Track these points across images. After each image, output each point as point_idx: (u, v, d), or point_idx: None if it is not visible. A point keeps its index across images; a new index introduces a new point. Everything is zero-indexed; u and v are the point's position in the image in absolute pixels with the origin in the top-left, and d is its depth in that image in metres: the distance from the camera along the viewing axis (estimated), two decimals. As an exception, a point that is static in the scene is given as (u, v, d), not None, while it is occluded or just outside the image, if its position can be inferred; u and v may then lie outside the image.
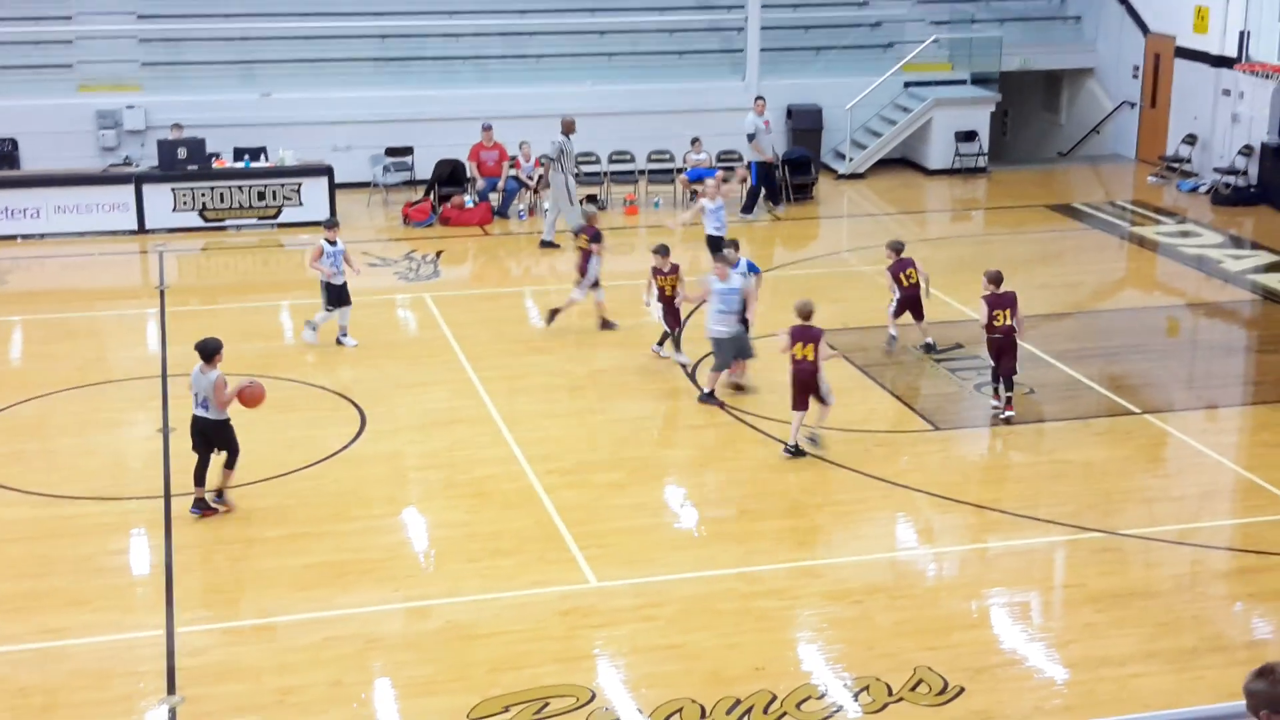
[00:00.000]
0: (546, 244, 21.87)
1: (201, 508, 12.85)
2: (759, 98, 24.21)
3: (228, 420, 12.93)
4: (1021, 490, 13.61)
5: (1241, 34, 23.17)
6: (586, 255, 17.52)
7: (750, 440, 14.74)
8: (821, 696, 10.09)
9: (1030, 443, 14.83)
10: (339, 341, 17.20)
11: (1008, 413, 15.00)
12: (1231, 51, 24.37)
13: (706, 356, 16.57)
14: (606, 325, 17.68)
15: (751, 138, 23.80)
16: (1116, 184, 26.66)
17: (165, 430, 14.81)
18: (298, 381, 16.06)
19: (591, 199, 24.23)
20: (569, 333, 18.05)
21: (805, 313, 14.17)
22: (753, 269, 16.29)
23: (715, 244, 18.65)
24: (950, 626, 11.06)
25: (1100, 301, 19.95)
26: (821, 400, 14.19)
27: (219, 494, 12.99)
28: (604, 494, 13.39)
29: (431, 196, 23.71)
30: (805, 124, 25.25)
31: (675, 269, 16.56)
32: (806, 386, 14.08)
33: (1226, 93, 25.19)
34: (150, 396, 15.73)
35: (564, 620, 11.12)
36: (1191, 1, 25.94)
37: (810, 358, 14.01)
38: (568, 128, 21.88)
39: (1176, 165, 26.11)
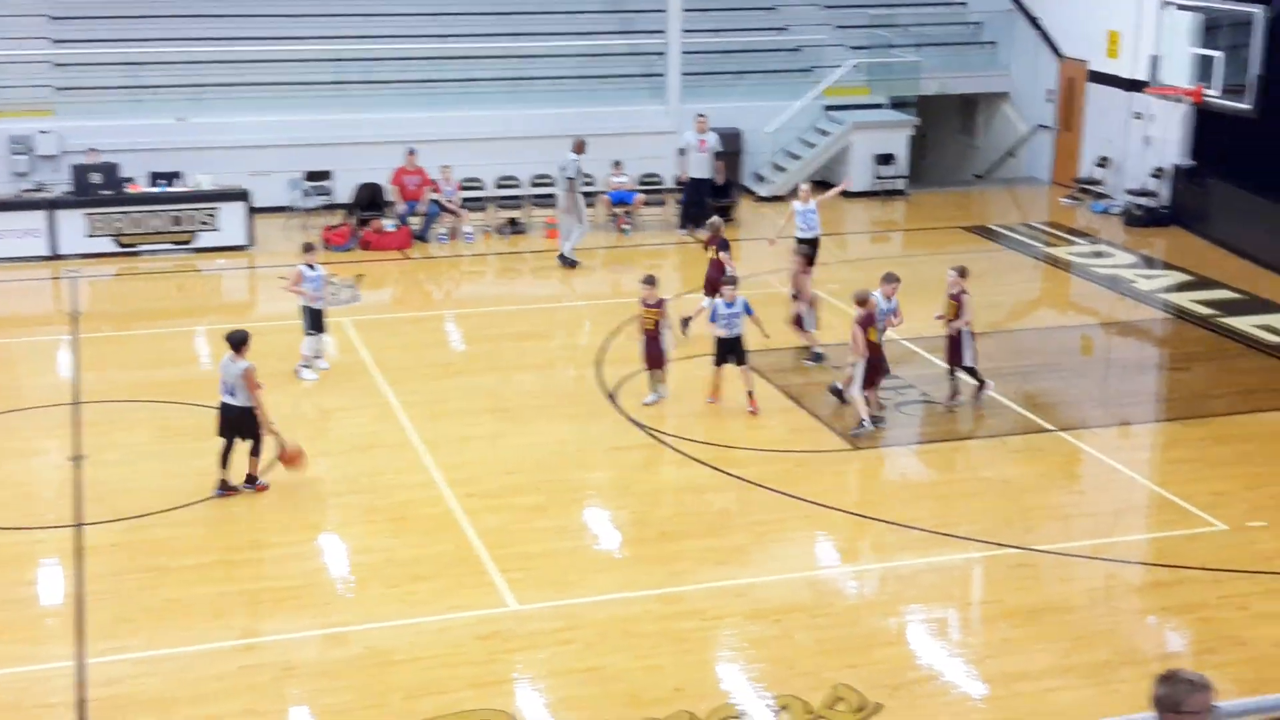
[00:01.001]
0: (565, 259, 22.05)
1: (224, 489, 13.58)
2: (699, 115, 24.30)
3: (254, 409, 13.54)
4: (939, 508, 13.71)
5: (1152, 58, 23.60)
6: (719, 266, 17.71)
7: (671, 461, 14.75)
8: (741, 716, 10.09)
9: (948, 461, 14.96)
10: (299, 371, 16.95)
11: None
12: (1142, 75, 24.82)
13: (632, 376, 16.57)
14: None
15: (683, 152, 23.92)
16: (1031, 206, 27.03)
17: (77, 458, 14.56)
18: (212, 407, 15.81)
19: (512, 223, 24.23)
20: (489, 356, 18.00)
21: (865, 299, 15.20)
22: (748, 309, 15.83)
23: (806, 248, 19.28)
24: (869, 644, 11.11)
25: (1016, 321, 20.19)
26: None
27: (251, 479, 13.66)
28: (524, 517, 13.33)
29: (351, 220, 23.57)
30: (726, 147, 25.38)
31: (661, 302, 16.07)
32: (880, 367, 15.22)
33: (1138, 116, 25.64)
34: (61, 424, 15.47)
35: (483, 644, 11.05)
36: (1103, 27, 26.41)
37: (876, 339, 15.22)
38: (579, 148, 22.21)
39: (1090, 187, 26.52)
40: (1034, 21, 28.66)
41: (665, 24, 26.51)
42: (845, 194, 23.01)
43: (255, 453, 13.71)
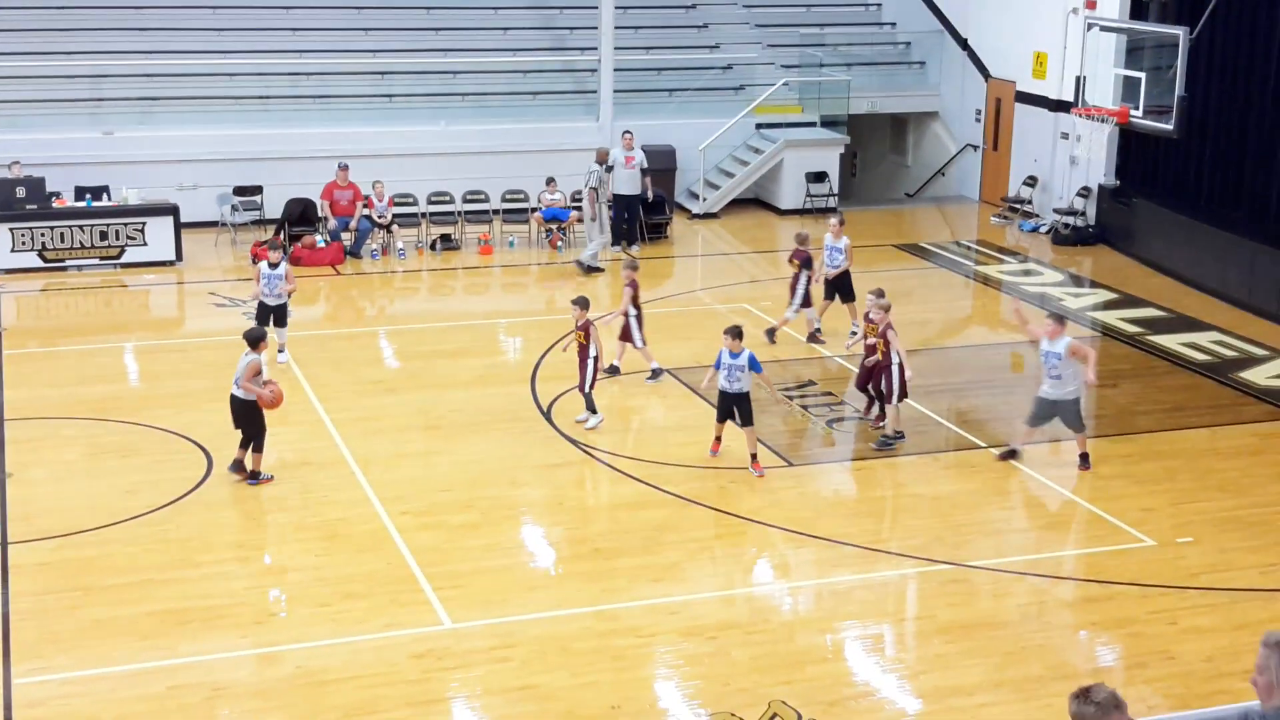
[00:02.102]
0: (591, 269, 22.48)
1: (251, 478, 14.14)
2: (626, 132, 24.36)
3: (255, 402, 13.95)
4: (873, 524, 13.78)
5: (1078, 79, 23.87)
6: (797, 277, 18.60)
7: (605, 478, 14.73)
8: (677, 734, 10.08)
9: (881, 477, 15.04)
10: (277, 358, 17.50)
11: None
12: (1069, 96, 25.15)
13: (562, 396, 16.53)
14: (815, 339, 19.04)
15: (609, 169, 23.95)
16: (961, 224, 27.30)
17: (2, 476, 14.29)
18: (141, 425, 15.64)
19: (445, 238, 24.13)
20: (422, 373, 17.89)
21: (887, 306, 15.73)
22: (754, 365, 14.67)
23: (831, 284, 19.20)
24: (804, 660, 11.13)
25: (947, 338, 20.35)
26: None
27: (245, 471, 14.08)
28: (458, 535, 13.25)
29: (282, 236, 23.37)
30: (659, 164, 25.46)
31: (588, 324, 15.70)
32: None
33: (1065, 136, 26.00)
34: (-14, 441, 15.20)
35: (418, 663, 10.95)
36: (1030, 48, 26.78)
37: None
38: (602, 157, 23.05)
39: (1018, 206, 26.84)
40: (962, 42, 29.00)
41: (598, 41, 26.55)
42: (779, 212, 23.16)
43: (251, 447, 14.06)
